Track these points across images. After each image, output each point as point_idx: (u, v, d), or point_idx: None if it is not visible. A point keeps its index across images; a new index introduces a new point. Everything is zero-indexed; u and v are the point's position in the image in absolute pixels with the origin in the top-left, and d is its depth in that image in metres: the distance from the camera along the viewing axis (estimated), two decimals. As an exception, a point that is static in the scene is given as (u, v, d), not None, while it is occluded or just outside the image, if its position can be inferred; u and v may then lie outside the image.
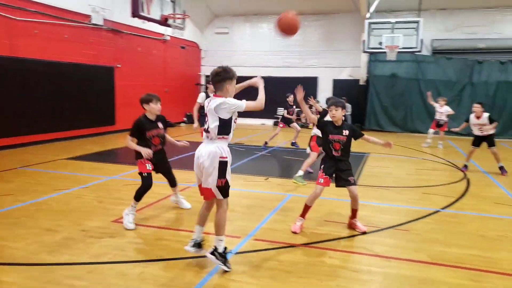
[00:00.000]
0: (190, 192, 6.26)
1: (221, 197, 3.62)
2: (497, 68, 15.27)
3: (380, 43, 14.63)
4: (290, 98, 11.08)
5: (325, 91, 18.20)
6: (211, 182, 3.55)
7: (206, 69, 20.09)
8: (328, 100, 6.03)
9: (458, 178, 7.95)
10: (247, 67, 19.36)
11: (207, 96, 7.90)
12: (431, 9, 16.25)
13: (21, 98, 10.30)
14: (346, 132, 4.70)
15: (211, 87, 7.57)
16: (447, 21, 16.46)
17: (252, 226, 4.91)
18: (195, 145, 4.10)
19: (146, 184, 4.81)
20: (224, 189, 3.60)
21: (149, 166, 4.84)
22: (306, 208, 4.78)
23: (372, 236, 4.73)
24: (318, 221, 5.12)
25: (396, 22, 14.70)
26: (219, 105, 3.48)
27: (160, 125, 4.97)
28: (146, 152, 4.69)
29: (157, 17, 9.35)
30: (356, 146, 5.41)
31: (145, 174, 4.83)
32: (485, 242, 4.60)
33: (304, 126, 15.22)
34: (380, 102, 16.56)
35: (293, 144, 11.58)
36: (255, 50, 19.43)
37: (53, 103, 11.23)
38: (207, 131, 3.58)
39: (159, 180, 5.31)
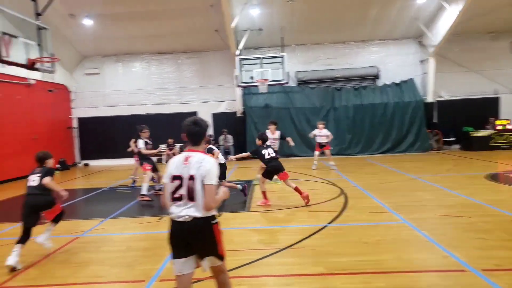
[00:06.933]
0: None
1: None
2: (352, 93, 17.69)
3: (252, 77, 15.60)
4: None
5: (205, 125, 18.52)
6: None
7: (77, 112, 18.72)
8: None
9: (336, 194, 8.78)
10: (122, 106, 18.70)
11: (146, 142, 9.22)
12: (292, 45, 18.11)
13: None
14: None
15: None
16: (306, 55, 18.51)
17: (155, 268, 4.71)
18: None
19: None
20: None
21: None
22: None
23: (273, 258, 4.89)
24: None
25: (264, 58, 15.91)
26: None
27: None
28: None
29: (22, 61, 8.39)
30: (242, 175, 5.59)
31: None
32: (369, 247, 5.14)
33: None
34: (257, 131, 17.47)
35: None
36: (130, 89, 18.84)
37: None
38: None
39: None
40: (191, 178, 2.97)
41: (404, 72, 18.16)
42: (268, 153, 7.90)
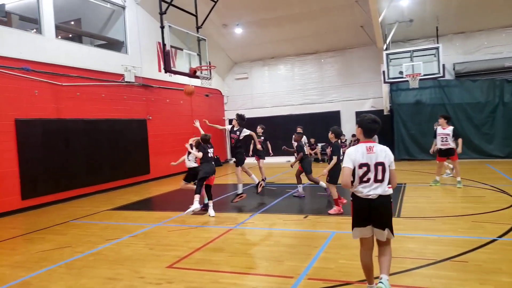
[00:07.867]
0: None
1: None
2: (530, 85, 14.69)
3: (401, 72, 14.52)
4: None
5: (348, 123, 18.02)
6: None
7: (229, 113, 20.45)
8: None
9: (507, 203, 7.48)
10: (268, 107, 19.64)
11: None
12: (448, 34, 16.23)
13: (65, 156, 10.83)
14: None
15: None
16: (466, 44, 16.28)
17: (303, 266, 4.76)
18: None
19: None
20: None
21: None
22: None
23: (429, 269, 4.42)
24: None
25: (414, 51, 14.64)
26: None
27: None
28: None
29: (185, 70, 9.63)
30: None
31: None
32: (557, 270, 4.20)
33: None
34: (407, 130, 16.23)
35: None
36: (274, 91, 19.70)
37: (92, 157, 11.71)
38: None
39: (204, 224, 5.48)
40: (380, 164, 3.60)
41: None
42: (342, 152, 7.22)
